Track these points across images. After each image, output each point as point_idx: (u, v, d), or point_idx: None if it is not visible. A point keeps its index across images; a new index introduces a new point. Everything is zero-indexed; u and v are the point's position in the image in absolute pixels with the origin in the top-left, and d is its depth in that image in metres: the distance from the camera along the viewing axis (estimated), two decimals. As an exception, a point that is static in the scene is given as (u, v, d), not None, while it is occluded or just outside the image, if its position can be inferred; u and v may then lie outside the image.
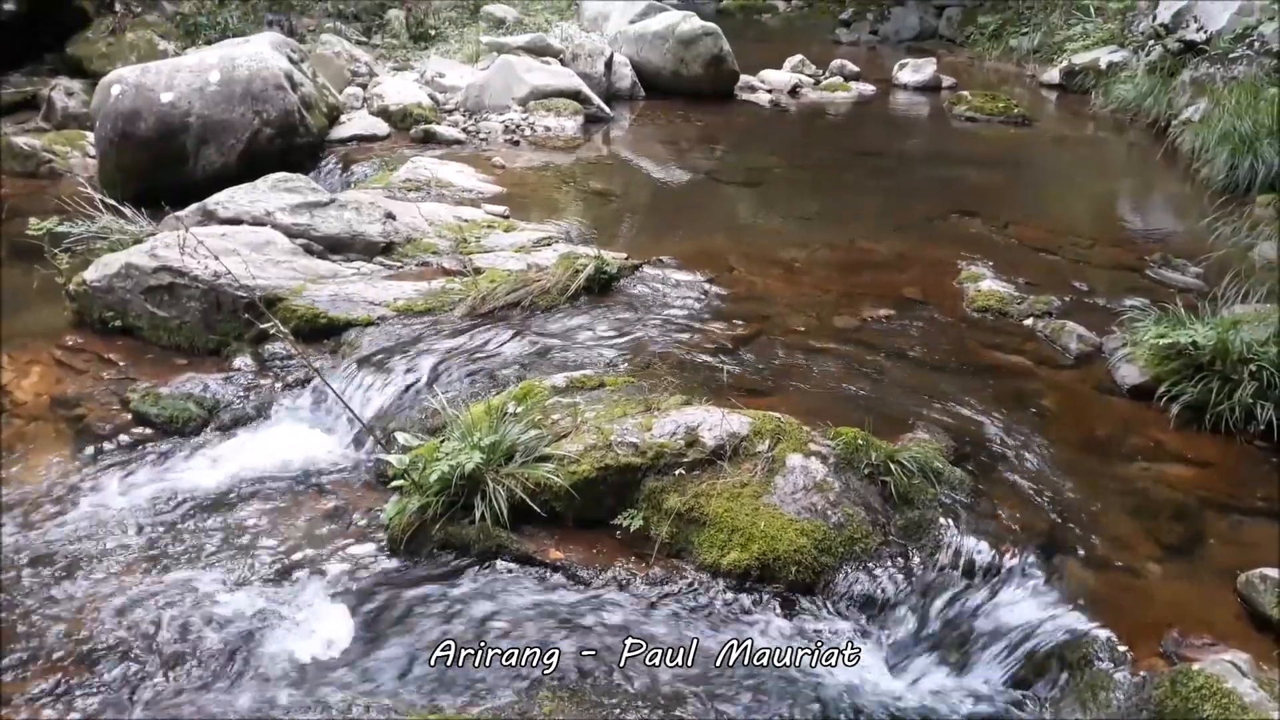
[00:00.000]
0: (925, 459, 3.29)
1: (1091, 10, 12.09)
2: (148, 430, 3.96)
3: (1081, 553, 3.06)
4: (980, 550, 3.02)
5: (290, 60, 7.39)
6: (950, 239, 5.97)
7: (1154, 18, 10.35)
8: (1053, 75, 11.60)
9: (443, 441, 3.32)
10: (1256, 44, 8.56)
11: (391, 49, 10.68)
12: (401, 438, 3.44)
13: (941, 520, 3.12)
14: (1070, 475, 3.43)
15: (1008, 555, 3.01)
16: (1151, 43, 10.10)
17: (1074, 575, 2.97)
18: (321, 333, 4.39)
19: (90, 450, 3.82)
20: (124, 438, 3.90)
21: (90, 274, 4.68)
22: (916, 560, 3.02)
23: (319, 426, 3.96)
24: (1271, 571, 2.83)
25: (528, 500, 3.15)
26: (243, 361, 4.36)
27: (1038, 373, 4.23)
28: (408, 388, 3.92)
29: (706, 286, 4.99)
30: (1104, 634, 2.72)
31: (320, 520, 3.40)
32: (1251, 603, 2.81)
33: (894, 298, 4.94)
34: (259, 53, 7.02)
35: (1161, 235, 6.32)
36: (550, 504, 3.20)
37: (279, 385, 4.20)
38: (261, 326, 4.17)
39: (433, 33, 11.43)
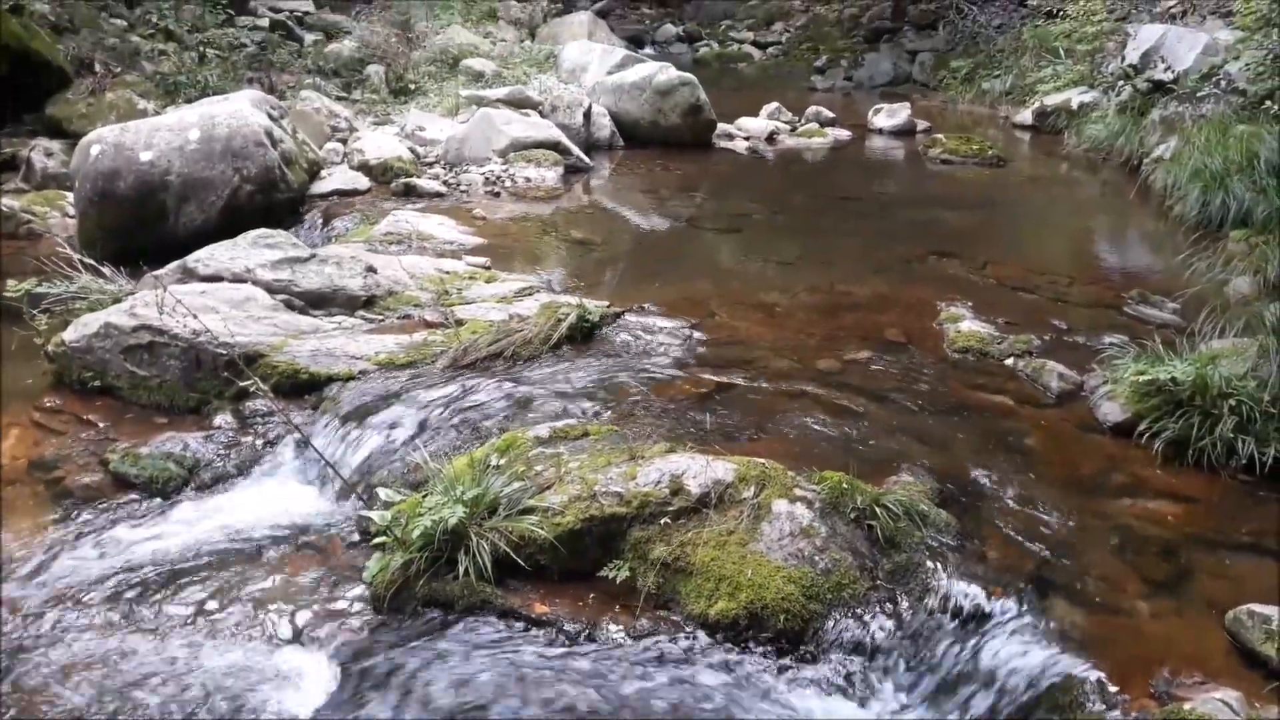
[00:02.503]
0: (911, 502, 3.28)
1: (1061, 52, 12.32)
2: (128, 491, 3.91)
3: (1070, 592, 3.05)
4: (968, 593, 3.01)
5: (270, 117, 7.42)
6: (929, 280, 6.02)
7: (1123, 59, 10.56)
8: (1025, 116, 11.80)
9: (425, 496, 3.29)
10: (1223, 82, 8.74)
11: (371, 104, 10.75)
12: (383, 493, 3.41)
13: (929, 563, 3.11)
14: (1056, 514, 3.43)
15: (996, 597, 3.00)
16: (1121, 83, 10.30)
17: (1063, 615, 2.96)
18: (303, 388, 4.37)
19: (69, 513, 3.76)
20: (103, 499, 3.85)
21: (69, 334, 4.65)
22: (905, 605, 3.00)
23: (300, 483, 3.92)
24: (1259, 607, 2.83)
25: (512, 554, 3.12)
26: (223, 419, 4.32)
27: (1020, 412, 4.24)
28: (389, 442, 3.90)
29: (689, 332, 5.00)
30: (1094, 675, 2.70)
31: (302, 578, 3.35)
32: (1240, 639, 2.80)
33: (875, 340, 4.96)
34: (239, 110, 7.05)
35: (1138, 272, 6.39)
36: (535, 557, 3.17)
37: (260, 442, 4.17)
38: (242, 384, 4.14)
39: (412, 87, 11.53)
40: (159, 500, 3.86)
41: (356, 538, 3.56)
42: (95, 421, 4.36)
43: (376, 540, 3.27)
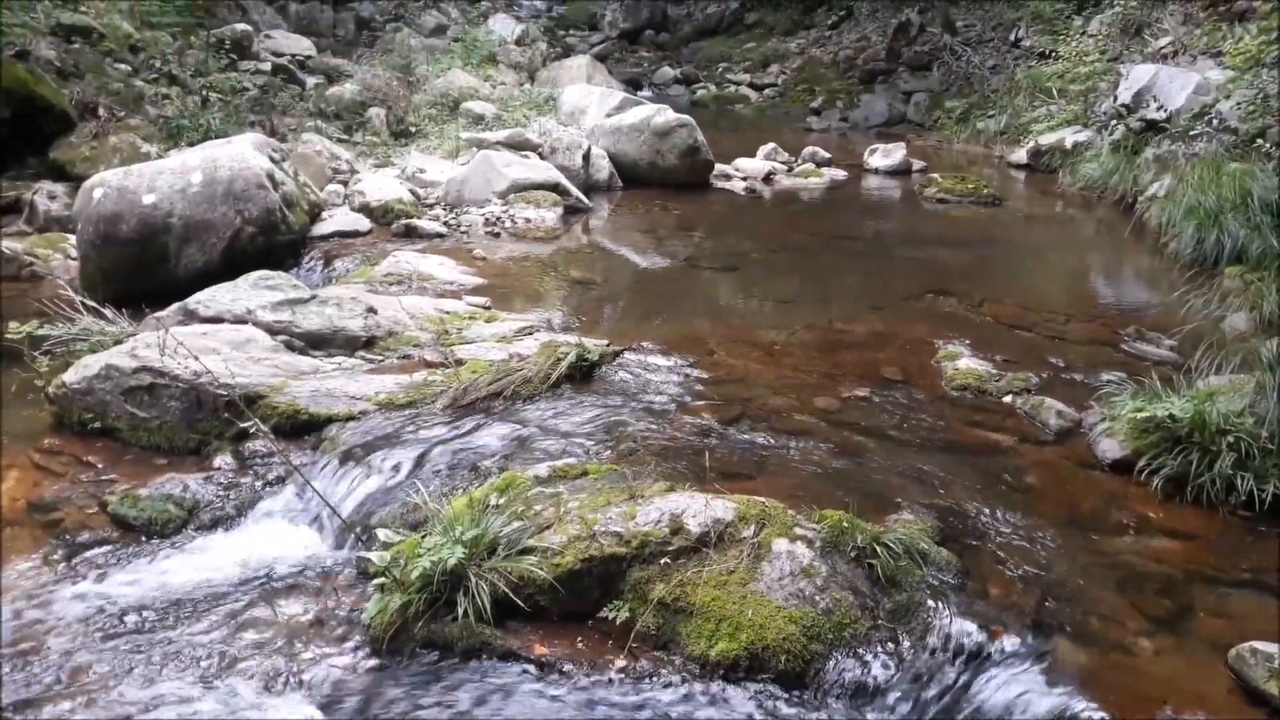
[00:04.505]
0: (911, 540, 3.28)
1: (1054, 93, 12.45)
2: (126, 533, 3.90)
3: (1071, 631, 3.04)
4: (970, 632, 3.00)
5: (272, 159, 7.49)
6: (927, 318, 6.04)
7: (1115, 98, 10.67)
8: (1020, 156, 11.88)
9: (424, 536, 3.29)
10: (1215, 121, 8.83)
11: (372, 146, 10.85)
12: (382, 534, 3.40)
13: (930, 602, 3.10)
14: (1056, 552, 3.43)
15: (998, 636, 2.99)
16: (1114, 122, 10.40)
17: (1065, 654, 2.95)
18: (303, 429, 4.37)
19: (67, 555, 3.75)
20: (102, 542, 3.84)
21: (70, 376, 4.66)
22: (906, 644, 2.99)
23: (300, 524, 3.91)
24: (1262, 645, 2.82)
25: (511, 595, 3.11)
26: (223, 460, 4.33)
27: (1019, 449, 4.25)
28: (389, 482, 3.89)
29: (688, 370, 5.02)
30: (1098, 714, 2.69)
31: (300, 621, 3.33)
32: (1243, 677, 2.79)
33: (873, 378, 4.98)
34: (241, 153, 7.12)
35: (1134, 309, 6.42)
36: (534, 598, 3.16)
37: (259, 483, 4.16)
38: (242, 425, 4.15)
39: (413, 130, 11.63)
40: (158, 542, 3.85)
41: (356, 579, 3.55)
42: (95, 463, 4.36)
43: (376, 581, 3.26)
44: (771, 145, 11.98)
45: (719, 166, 10.88)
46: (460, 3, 21.10)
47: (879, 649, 2.97)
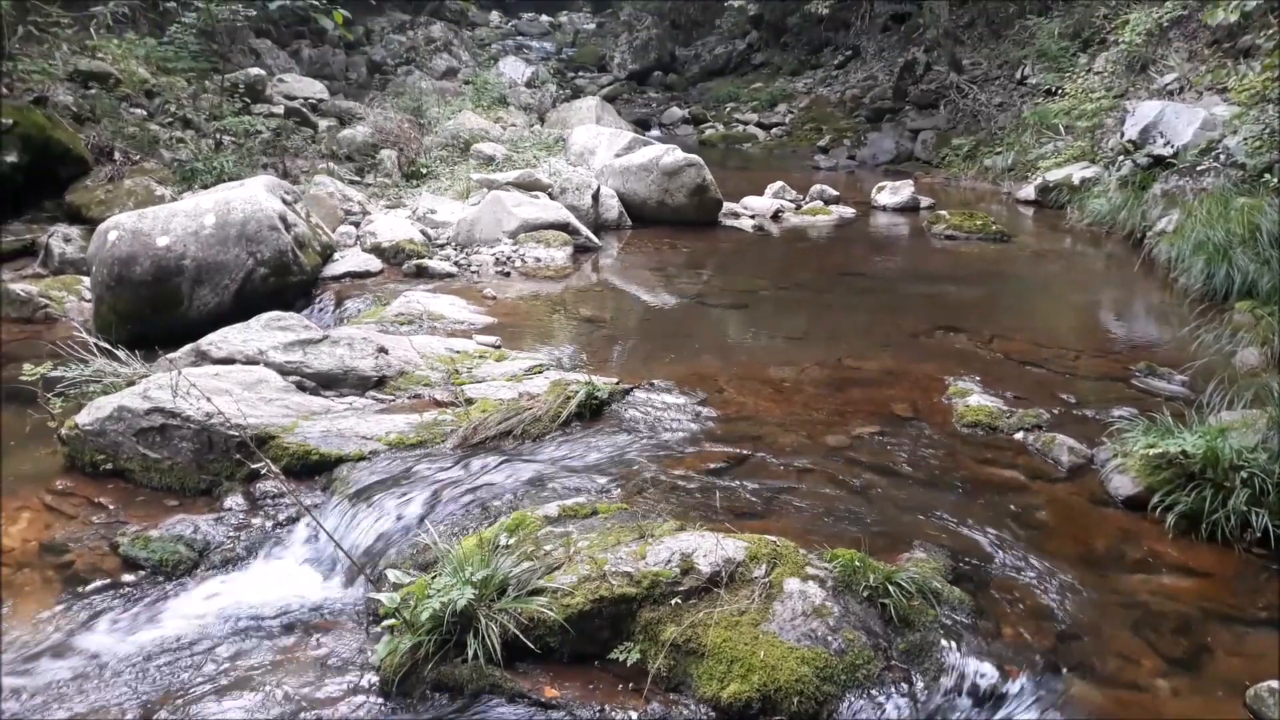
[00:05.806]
0: (924, 579, 3.26)
1: (1061, 129, 12.52)
2: (137, 574, 3.90)
3: (1087, 670, 3.02)
4: (984, 672, 2.97)
5: (284, 201, 7.57)
6: (936, 355, 6.04)
7: (1122, 134, 10.73)
8: (1028, 192, 11.92)
9: (434, 577, 3.28)
10: (1222, 156, 8.86)
11: (384, 188, 10.95)
12: (392, 575, 3.39)
13: (943, 642, 3.07)
14: (1070, 590, 3.40)
15: (1012, 676, 2.96)
16: (1121, 158, 10.45)
17: (1080, 694, 2.92)
18: (313, 469, 4.38)
19: (78, 598, 3.75)
20: (113, 583, 3.84)
21: (82, 417, 4.69)
22: (920, 685, 2.96)
23: (310, 565, 3.91)
24: (1280, 684, 2.78)
25: (521, 636, 3.09)
26: (234, 501, 4.33)
27: (1031, 486, 4.23)
28: (399, 522, 3.90)
29: (697, 408, 5.01)
30: (1116, 756, 2.66)
31: (310, 663, 3.32)
32: (1261, 717, 2.75)
33: (883, 415, 4.97)
34: (253, 195, 7.20)
35: (1145, 344, 6.41)
36: (544, 639, 3.14)
37: (270, 524, 4.17)
38: (253, 466, 4.16)
39: (424, 171, 11.75)
40: (168, 583, 3.85)
41: (366, 620, 3.54)
42: (106, 504, 4.37)
43: (386, 623, 3.25)
44: (779, 184, 12.06)
45: (727, 205, 10.94)
46: (471, 46, 21.42)
47: (892, 690, 2.94)
